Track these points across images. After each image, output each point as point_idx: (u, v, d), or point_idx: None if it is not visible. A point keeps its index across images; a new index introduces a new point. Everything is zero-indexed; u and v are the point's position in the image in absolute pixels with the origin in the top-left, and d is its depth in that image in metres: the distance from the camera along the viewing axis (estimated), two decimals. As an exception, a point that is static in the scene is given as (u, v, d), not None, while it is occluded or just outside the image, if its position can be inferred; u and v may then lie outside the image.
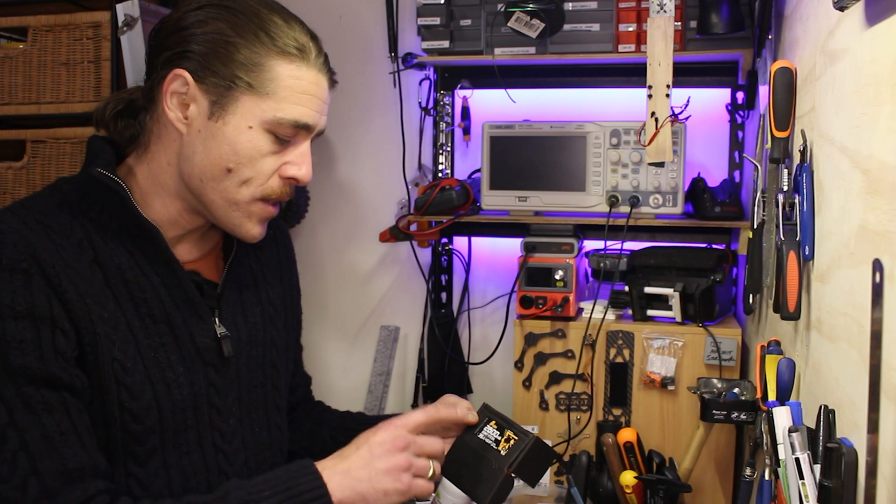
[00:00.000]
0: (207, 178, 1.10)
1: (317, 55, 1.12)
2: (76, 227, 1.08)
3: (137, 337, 1.08)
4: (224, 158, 1.09)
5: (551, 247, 1.95)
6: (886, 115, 0.79)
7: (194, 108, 1.09)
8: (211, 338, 1.16)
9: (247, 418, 1.21)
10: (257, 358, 1.24)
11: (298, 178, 1.13)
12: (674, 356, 1.84)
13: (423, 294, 2.31)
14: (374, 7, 2.22)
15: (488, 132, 2.00)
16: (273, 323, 1.29)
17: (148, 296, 1.10)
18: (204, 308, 1.16)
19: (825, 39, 1.10)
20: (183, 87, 1.09)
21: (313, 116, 1.11)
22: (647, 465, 1.77)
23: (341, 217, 2.40)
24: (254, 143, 1.09)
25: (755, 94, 1.83)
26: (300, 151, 1.12)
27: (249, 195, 1.11)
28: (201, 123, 1.09)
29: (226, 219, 1.13)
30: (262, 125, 1.08)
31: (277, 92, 1.08)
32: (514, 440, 1.21)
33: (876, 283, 0.76)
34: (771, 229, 1.28)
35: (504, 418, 1.25)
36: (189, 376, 1.13)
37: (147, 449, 1.08)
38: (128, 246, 1.10)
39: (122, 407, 1.06)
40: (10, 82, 2.02)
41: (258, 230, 1.15)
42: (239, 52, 1.07)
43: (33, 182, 2.00)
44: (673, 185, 1.89)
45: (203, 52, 1.08)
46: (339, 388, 2.41)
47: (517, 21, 1.90)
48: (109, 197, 1.10)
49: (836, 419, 0.95)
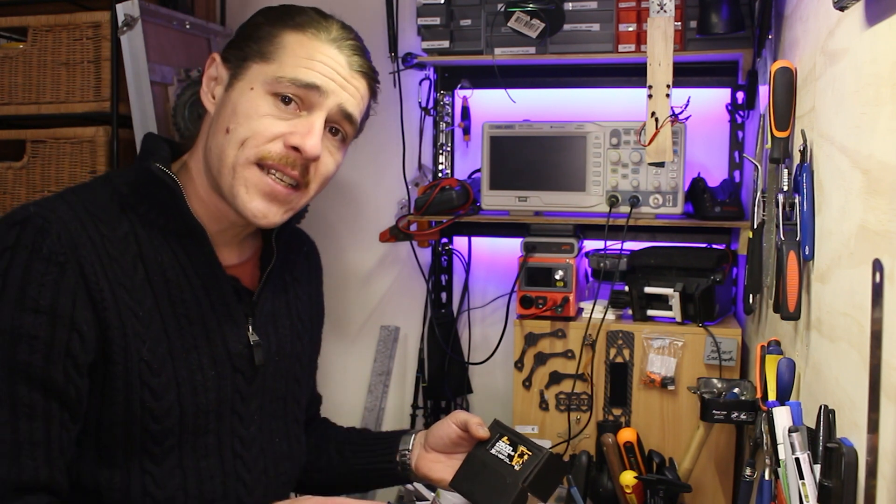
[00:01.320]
0: (212, 144, 1.11)
1: (338, 37, 1.13)
2: (124, 221, 1.08)
3: (171, 336, 1.08)
4: (226, 119, 1.10)
5: (551, 247, 1.95)
6: (886, 115, 0.79)
7: (220, 88, 1.13)
8: (244, 344, 1.15)
9: (267, 427, 1.21)
10: (283, 370, 1.23)
11: (301, 147, 1.08)
12: (674, 356, 1.84)
13: (423, 294, 2.31)
14: (374, 7, 2.22)
15: (488, 132, 2.00)
16: (300, 337, 1.29)
17: (186, 296, 1.10)
18: (240, 314, 1.16)
19: (825, 39, 1.10)
20: (215, 70, 1.14)
21: (321, 78, 1.09)
22: (647, 465, 1.77)
23: (341, 217, 2.40)
24: (252, 103, 1.09)
25: (755, 94, 1.83)
26: (308, 122, 1.10)
27: (245, 157, 1.08)
28: (220, 97, 1.13)
29: (230, 193, 1.10)
30: (263, 86, 1.09)
31: (282, 57, 1.10)
32: (527, 455, 1.21)
33: (876, 283, 0.76)
34: (771, 229, 1.28)
35: (516, 434, 1.25)
36: (218, 381, 1.12)
37: (164, 448, 1.08)
38: (172, 244, 1.10)
39: (143, 406, 1.05)
40: (10, 82, 2.01)
41: (258, 205, 1.10)
42: (260, 31, 1.12)
43: (33, 182, 2.00)
44: (673, 185, 1.89)
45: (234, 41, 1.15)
46: (340, 389, 2.41)
47: (517, 21, 1.90)
48: (162, 193, 1.10)
49: (836, 419, 0.95)
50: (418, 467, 1.31)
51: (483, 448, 1.25)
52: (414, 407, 2.31)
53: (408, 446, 1.33)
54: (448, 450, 1.30)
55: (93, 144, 1.95)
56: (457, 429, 1.28)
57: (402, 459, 1.33)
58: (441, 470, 1.29)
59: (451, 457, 1.29)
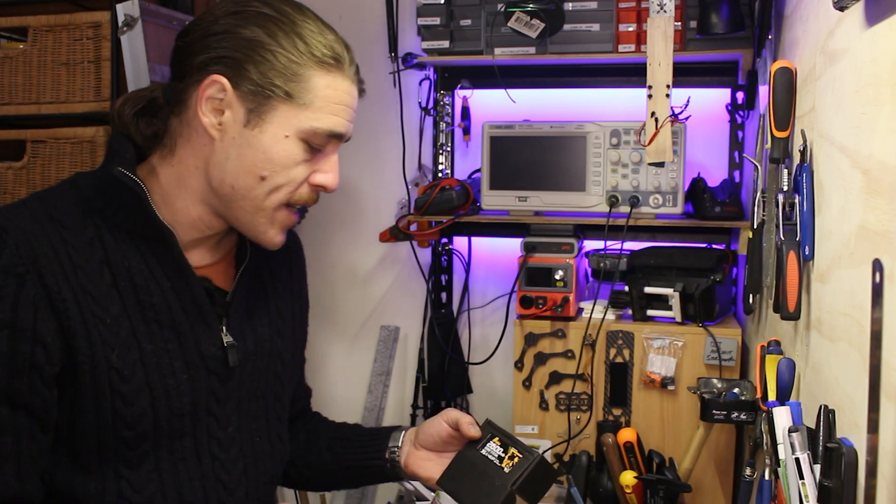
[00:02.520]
0: (240, 185, 1.09)
1: (350, 64, 1.12)
2: (89, 226, 1.07)
3: (141, 341, 1.07)
4: (258, 166, 1.07)
5: (551, 247, 1.95)
6: (886, 115, 0.79)
7: (229, 115, 1.07)
8: (217, 346, 1.14)
9: (246, 428, 1.20)
10: (262, 369, 1.22)
11: (327, 185, 1.12)
12: (674, 356, 1.84)
13: (423, 294, 2.31)
14: (374, 7, 2.22)
15: (488, 132, 2.00)
16: (280, 335, 1.27)
17: (156, 300, 1.09)
18: (212, 315, 1.14)
19: (825, 39, 1.10)
20: (220, 93, 1.07)
21: (346, 126, 1.11)
22: (647, 465, 1.77)
23: (341, 217, 2.40)
24: (289, 152, 1.08)
25: (755, 94, 1.83)
26: (330, 160, 1.12)
27: (277, 201, 1.10)
28: (236, 131, 1.07)
29: (250, 225, 1.11)
30: (298, 134, 1.07)
31: (315, 102, 1.07)
32: (518, 458, 1.20)
33: (876, 283, 0.76)
34: (771, 229, 1.28)
35: (508, 435, 1.24)
36: (191, 384, 1.11)
37: (138, 454, 1.07)
38: (140, 248, 1.09)
39: (115, 413, 1.05)
40: (10, 82, 2.01)
41: (280, 238, 1.14)
42: (277, 60, 1.06)
43: (33, 182, 2.00)
44: (673, 185, 1.89)
45: (240, 59, 1.06)
46: (340, 388, 2.41)
47: (517, 21, 1.90)
48: (127, 197, 1.09)
49: (836, 419, 0.95)
50: (407, 465, 1.30)
51: (473, 448, 1.23)
52: (414, 407, 2.31)
53: (397, 443, 1.32)
54: (438, 448, 1.28)
55: (93, 144, 1.95)
56: (448, 427, 1.27)
57: (392, 457, 1.31)
58: (430, 468, 1.28)
59: (441, 455, 1.28)
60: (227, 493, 1.15)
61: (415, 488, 1.84)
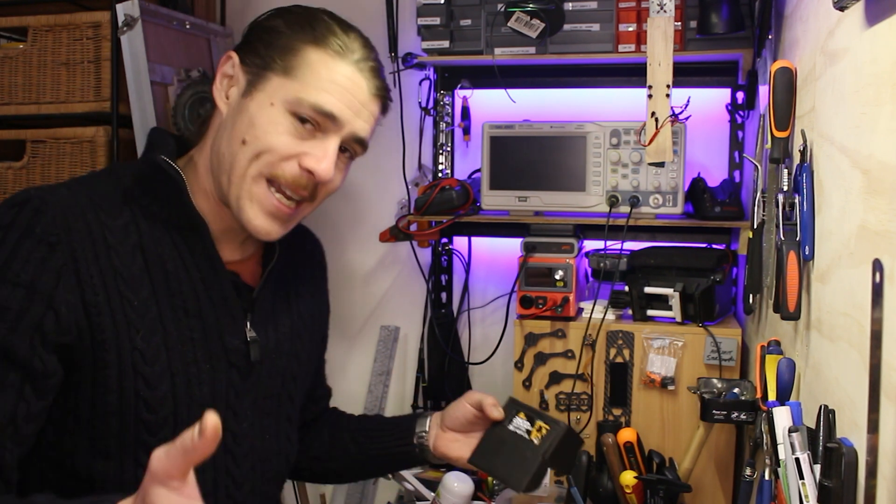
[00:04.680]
0: (226, 151, 1.11)
1: (361, 59, 1.12)
2: (126, 211, 1.09)
3: (167, 327, 1.08)
4: (242, 130, 1.09)
5: (551, 247, 1.95)
6: (886, 115, 0.79)
7: (235, 90, 1.12)
8: (240, 340, 1.16)
9: (259, 424, 1.21)
10: (279, 367, 1.24)
11: (315, 171, 1.09)
12: (674, 356, 1.83)
13: (423, 294, 2.31)
14: (374, 7, 2.22)
15: (488, 132, 2.00)
16: (300, 336, 1.29)
17: (185, 288, 1.10)
18: (238, 309, 1.16)
19: (825, 39, 1.10)
20: (231, 68, 1.13)
21: (339, 107, 1.09)
22: (647, 465, 1.77)
23: (341, 217, 2.40)
24: (271, 119, 1.08)
25: (755, 94, 1.83)
26: (322, 145, 1.10)
27: (257, 171, 1.09)
28: (236, 101, 1.12)
29: (234, 201, 1.11)
30: (284, 104, 1.08)
31: (305, 76, 1.09)
32: (545, 429, 1.22)
33: (876, 283, 0.76)
34: (771, 229, 1.28)
35: (532, 409, 1.27)
36: (212, 374, 1.12)
37: (158, 440, 1.08)
38: (173, 237, 1.11)
39: (137, 395, 1.06)
40: (10, 82, 2.02)
41: (262, 221, 1.11)
42: (281, 39, 1.11)
43: (33, 182, 2.00)
44: (673, 185, 1.89)
45: (254, 40, 1.13)
46: (340, 388, 2.39)
47: (517, 21, 1.90)
48: (165, 185, 1.11)
49: (836, 419, 0.95)
50: (436, 447, 1.33)
51: (501, 425, 1.26)
52: (414, 407, 2.31)
53: (425, 428, 1.35)
54: (464, 429, 1.31)
55: (93, 144, 1.95)
56: (472, 409, 1.29)
57: (420, 441, 1.35)
58: (459, 448, 1.31)
59: (468, 435, 1.31)
60: (235, 487, 1.17)
61: (415, 489, 1.84)
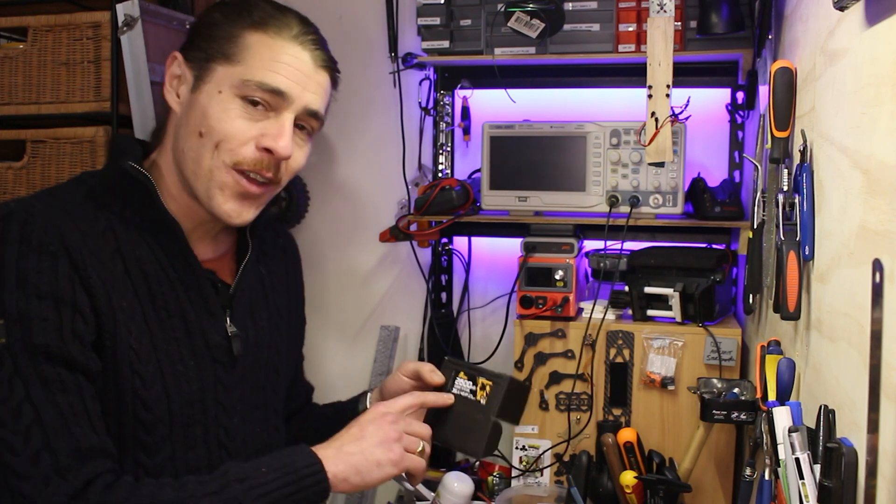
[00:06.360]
0: (187, 147, 1.12)
1: (299, 33, 1.14)
2: (100, 218, 1.10)
3: (152, 328, 1.10)
4: (197, 123, 1.11)
5: (551, 247, 1.95)
6: (886, 115, 0.79)
7: (184, 87, 1.14)
8: (222, 336, 1.18)
9: (249, 418, 1.23)
10: (262, 360, 1.26)
11: (275, 149, 1.12)
12: (674, 356, 1.83)
13: (423, 294, 2.31)
14: (374, 7, 2.22)
15: (488, 132, 2.00)
16: (278, 328, 1.31)
17: (165, 290, 1.12)
18: (217, 306, 1.18)
19: (825, 39, 1.10)
20: (178, 67, 1.14)
21: (286, 83, 1.11)
22: (647, 465, 1.77)
23: (341, 217, 2.40)
24: (223, 106, 1.10)
25: (755, 94, 1.83)
26: (277, 123, 1.12)
27: (221, 161, 1.11)
28: (186, 98, 1.13)
29: (205, 195, 1.13)
30: (232, 89, 1.10)
31: (248, 59, 1.10)
32: (489, 386, 1.21)
33: (876, 283, 0.76)
34: (771, 229, 1.28)
35: (471, 366, 1.24)
36: (198, 371, 1.14)
37: (156, 439, 1.10)
38: (148, 240, 1.12)
39: (134, 394, 1.07)
40: (10, 82, 2.02)
41: (232, 206, 1.14)
42: (220, 29, 1.12)
43: (33, 182, 2.00)
44: (673, 185, 1.89)
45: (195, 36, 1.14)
46: (340, 388, 2.40)
47: (517, 21, 1.89)
48: (135, 190, 1.12)
49: (836, 419, 0.95)
50: None
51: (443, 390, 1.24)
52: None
53: (366, 405, 1.36)
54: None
55: (93, 144, 1.95)
56: (408, 380, 1.29)
57: None
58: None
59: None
60: None
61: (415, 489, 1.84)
